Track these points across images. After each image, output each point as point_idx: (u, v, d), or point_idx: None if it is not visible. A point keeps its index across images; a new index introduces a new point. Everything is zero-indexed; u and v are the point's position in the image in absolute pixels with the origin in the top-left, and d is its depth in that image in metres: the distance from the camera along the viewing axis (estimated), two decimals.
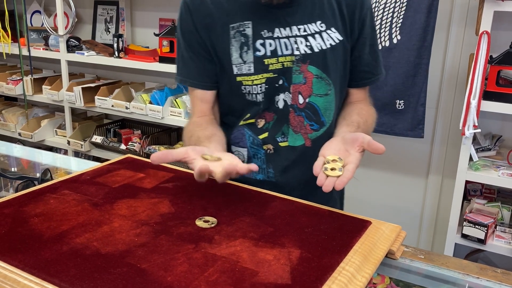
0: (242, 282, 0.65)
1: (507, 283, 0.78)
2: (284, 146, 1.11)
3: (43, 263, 0.68)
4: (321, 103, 1.10)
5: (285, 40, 1.06)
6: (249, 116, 1.12)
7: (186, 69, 1.13)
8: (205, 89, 1.13)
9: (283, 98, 1.08)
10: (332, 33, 1.08)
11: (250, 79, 1.07)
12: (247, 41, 1.06)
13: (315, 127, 1.11)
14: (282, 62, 1.06)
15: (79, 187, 0.95)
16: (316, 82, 1.08)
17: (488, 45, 1.68)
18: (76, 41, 2.79)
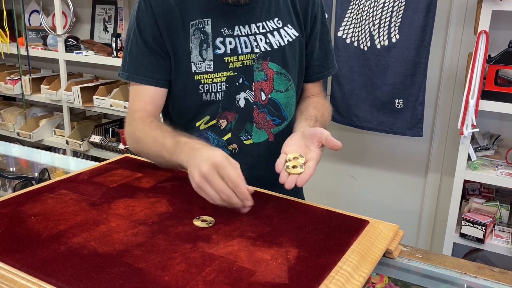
0: (240, 281, 0.65)
1: (505, 282, 0.78)
2: (249, 143, 1.12)
3: (41, 262, 0.68)
4: (282, 99, 1.13)
5: (245, 38, 1.07)
6: (208, 118, 1.10)
7: (136, 65, 1.07)
8: (158, 86, 1.08)
9: (244, 97, 1.09)
10: (289, 30, 1.11)
11: (210, 77, 1.06)
12: (206, 39, 1.05)
13: (277, 122, 1.13)
14: (242, 60, 1.07)
15: (76, 186, 0.95)
16: (277, 78, 1.11)
17: (486, 44, 1.68)
18: (75, 41, 2.78)
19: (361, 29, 2.06)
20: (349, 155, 2.43)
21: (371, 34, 2.04)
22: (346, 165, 2.45)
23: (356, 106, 2.15)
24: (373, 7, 2.01)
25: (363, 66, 2.09)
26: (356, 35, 2.08)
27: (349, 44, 2.10)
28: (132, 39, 1.08)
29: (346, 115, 2.19)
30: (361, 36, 2.06)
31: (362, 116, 2.15)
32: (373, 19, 2.02)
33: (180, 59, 1.06)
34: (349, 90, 2.15)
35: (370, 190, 2.43)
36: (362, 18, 2.05)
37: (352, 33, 2.09)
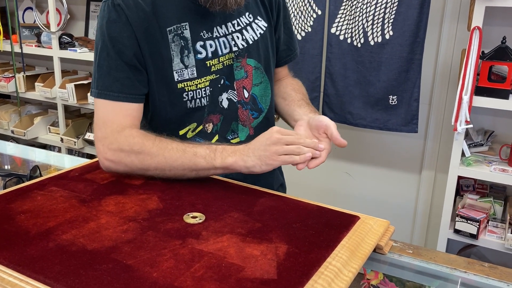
0: (228, 277, 0.65)
1: (494, 277, 0.78)
2: (236, 142, 1.11)
3: (28, 259, 0.67)
4: (257, 92, 1.13)
5: (223, 38, 1.06)
6: (195, 125, 1.07)
7: (109, 80, 0.98)
8: (136, 102, 1.00)
9: (227, 97, 1.08)
10: (259, 22, 1.11)
11: (193, 83, 1.02)
12: (186, 44, 1.01)
13: (255, 115, 1.14)
14: (222, 61, 1.06)
15: (67, 183, 0.95)
16: (254, 73, 1.11)
17: (480, 40, 1.68)
18: (69, 38, 2.77)
19: (354, 25, 2.05)
20: (344, 152, 2.43)
21: (365, 30, 2.04)
22: (341, 161, 2.45)
23: (349, 103, 2.15)
24: (367, 4, 2.01)
25: (356, 63, 2.09)
26: (350, 32, 2.08)
27: (343, 41, 2.10)
28: (101, 52, 0.98)
29: (340, 112, 2.18)
30: (355, 33, 2.06)
31: (356, 113, 2.15)
32: (367, 15, 2.02)
33: (161, 69, 1.00)
34: (342, 87, 2.14)
35: (365, 186, 2.44)
36: (355, 15, 2.04)
37: (346, 30, 2.08)
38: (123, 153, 0.96)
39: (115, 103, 0.98)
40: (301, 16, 2.15)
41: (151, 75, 1.01)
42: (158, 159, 0.95)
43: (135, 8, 0.97)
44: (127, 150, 0.96)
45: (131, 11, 0.96)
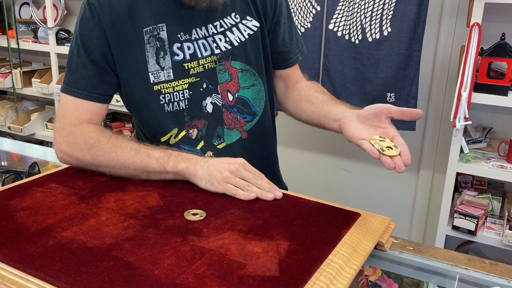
0: (230, 274, 0.64)
1: (495, 274, 0.78)
2: (222, 147, 1.09)
3: (28, 257, 0.67)
4: (250, 95, 1.09)
5: (203, 41, 1.02)
6: (177, 131, 1.05)
7: (75, 77, 0.99)
8: (99, 101, 1.01)
9: (211, 101, 1.05)
10: (248, 22, 1.06)
11: (170, 85, 1.01)
12: (163, 46, 0.99)
13: (248, 119, 1.10)
14: (203, 64, 1.03)
15: (66, 180, 0.94)
16: (242, 75, 1.07)
17: (479, 37, 1.68)
18: (66, 34, 2.76)
19: (352, 22, 2.05)
20: (342, 149, 2.43)
21: (363, 27, 2.03)
22: (339, 158, 2.45)
23: (347, 100, 2.11)
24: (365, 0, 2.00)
25: (354, 60, 2.08)
26: (348, 28, 2.07)
27: (340, 37, 2.09)
28: (73, 49, 1.00)
29: None
30: (353, 29, 2.06)
31: None
32: (365, 11, 2.01)
33: (137, 70, 0.99)
34: (340, 84, 2.14)
35: (363, 183, 2.44)
36: (353, 11, 2.04)
37: (344, 26, 2.08)
38: (77, 146, 0.97)
39: (77, 99, 0.99)
40: (301, 12, 2.14)
41: (124, 76, 1.01)
42: (110, 156, 0.94)
43: (108, 9, 0.97)
44: (81, 143, 0.96)
45: (104, 12, 0.96)
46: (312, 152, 2.51)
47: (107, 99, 1.03)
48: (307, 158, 2.53)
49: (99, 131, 0.98)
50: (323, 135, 2.43)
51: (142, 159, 0.92)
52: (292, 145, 2.53)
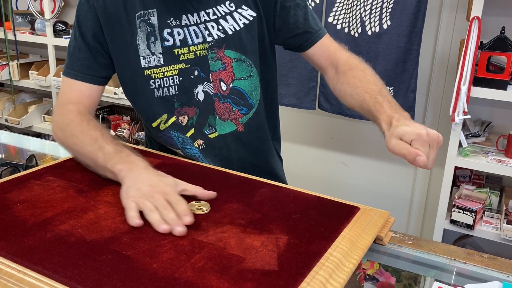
0: (229, 268, 0.64)
1: (494, 268, 0.78)
2: (214, 137, 1.08)
3: (26, 250, 0.67)
4: (246, 86, 1.07)
5: (194, 27, 1.02)
6: (166, 117, 1.05)
7: (72, 59, 1.04)
8: (93, 83, 1.04)
9: (203, 89, 1.04)
10: (244, 11, 1.04)
11: (160, 71, 1.01)
12: (153, 31, 1.00)
13: (245, 111, 1.09)
14: (194, 51, 1.02)
15: (64, 173, 0.93)
16: (237, 65, 1.05)
17: (478, 30, 1.68)
18: (63, 25, 2.74)
19: (351, 15, 2.04)
20: (341, 142, 2.42)
21: (362, 20, 2.02)
22: (338, 152, 2.45)
23: None
24: None
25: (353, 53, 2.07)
26: (347, 21, 2.06)
27: (340, 31, 2.08)
28: (72, 33, 1.05)
29: (336, 103, 2.17)
30: (352, 22, 2.05)
31: None
32: (364, 4, 2.00)
33: (128, 54, 1.01)
34: None
35: (361, 177, 2.44)
36: (353, 4, 2.03)
37: (343, 19, 2.07)
38: (56, 125, 1.02)
39: (72, 80, 1.04)
40: None
41: (116, 60, 1.03)
42: (74, 140, 0.97)
43: None
44: (59, 123, 1.01)
45: None
46: (311, 146, 2.51)
47: (100, 80, 1.06)
48: (305, 152, 2.53)
49: (77, 114, 1.00)
50: (322, 130, 2.43)
51: (94, 150, 0.91)
52: (290, 139, 2.52)
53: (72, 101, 1.03)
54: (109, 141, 0.93)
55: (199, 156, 1.09)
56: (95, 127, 0.97)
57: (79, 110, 1.01)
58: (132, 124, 2.72)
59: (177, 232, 0.72)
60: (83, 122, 0.98)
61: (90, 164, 0.93)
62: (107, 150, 0.90)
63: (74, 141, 0.96)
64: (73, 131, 0.97)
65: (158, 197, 0.78)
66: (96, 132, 0.95)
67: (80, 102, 1.03)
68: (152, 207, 0.76)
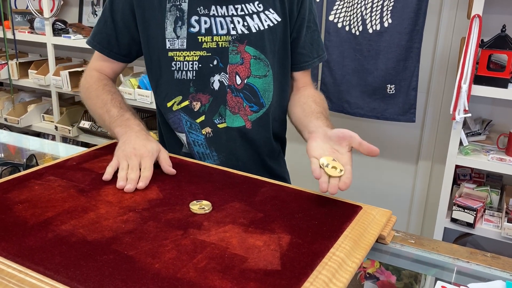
0: (231, 268, 0.64)
1: (497, 267, 0.78)
2: (223, 127, 1.10)
3: (27, 251, 0.66)
4: (260, 85, 1.10)
5: (221, 19, 1.05)
6: (181, 99, 1.09)
7: (98, 30, 1.13)
8: (110, 57, 1.14)
9: (219, 79, 1.07)
10: (270, 14, 1.08)
11: (182, 54, 1.06)
12: (182, 16, 1.05)
13: (255, 109, 1.11)
14: (217, 41, 1.06)
15: (65, 173, 0.93)
16: (255, 63, 1.08)
17: (479, 28, 1.67)
18: (63, 24, 2.73)
19: (352, 13, 2.03)
20: None
21: (363, 18, 2.02)
22: None
23: (347, 92, 2.13)
24: None
25: (354, 51, 2.07)
26: (348, 19, 2.05)
27: (341, 29, 2.08)
28: (105, 5, 1.13)
29: (337, 101, 2.17)
30: (353, 20, 2.04)
31: (353, 102, 2.13)
32: (365, 2, 2.00)
33: (156, 35, 1.06)
34: (340, 75, 2.12)
35: (362, 175, 2.43)
36: (354, 2, 2.02)
37: (344, 17, 2.06)
38: (81, 87, 1.17)
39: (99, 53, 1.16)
40: None
41: (144, 39, 1.09)
42: (90, 102, 1.12)
43: None
44: (83, 86, 1.16)
45: None
46: None
47: (117, 57, 1.15)
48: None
49: (97, 79, 1.13)
50: None
51: (103, 113, 1.07)
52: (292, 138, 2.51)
53: (95, 67, 1.16)
54: (117, 105, 1.06)
55: (202, 144, 1.11)
56: (107, 91, 1.09)
57: (99, 76, 1.14)
58: None
59: (126, 188, 0.85)
60: (99, 87, 1.10)
61: (101, 124, 1.09)
62: (112, 113, 1.05)
63: (90, 103, 1.11)
64: (90, 94, 1.11)
65: (134, 159, 0.91)
66: (107, 96, 1.08)
67: (101, 70, 1.16)
68: (125, 167, 0.90)
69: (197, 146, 1.12)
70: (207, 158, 1.13)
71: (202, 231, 0.73)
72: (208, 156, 1.12)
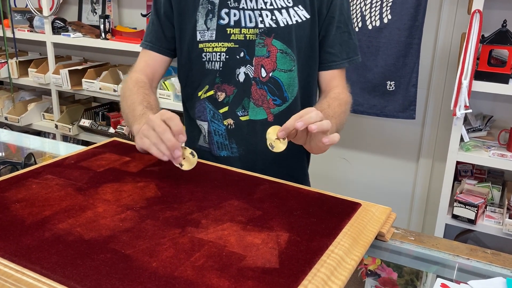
0: (229, 266, 0.63)
1: (497, 264, 0.78)
2: (245, 120, 1.11)
3: (24, 250, 0.66)
4: (284, 79, 1.10)
5: (250, 12, 1.07)
6: (207, 88, 1.12)
7: (148, 32, 1.18)
8: (159, 52, 1.16)
9: (244, 71, 1.09)
10: (299, 10, 1.09)
11: (211, 45, 1.09)
12: (213, 9, 1.08)
13: (278, 102, 1.12)
14: (245, 33, 1.08)
15: (62, 171, 0.93)
16: (281, 57, 1.09)
17: (480, 24, 1.66)
18: (62, 23, 2.72)
19: (352, 9, 2.02)
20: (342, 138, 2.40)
21: (362, 14, 2.01)
22: (339, 147, 2.44)
23: None
24: None
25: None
26: None
27: None
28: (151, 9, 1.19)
29: None
30: (352, 16, 2.03)
31: (353, 100, 2.12)
32: None
33: (188, 27, 1.10)
34: None
35: (363, 172, 2.43)
36: None
37: None
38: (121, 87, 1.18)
39: (143, 51, 1.19)
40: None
41: (178, 32, 1.13)
42: (123, 103, 1.12)
43: None
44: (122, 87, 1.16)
45: None
46: None
47: (165, 51, 1.17)
48: None
49: (133, 81, 1.13)
50: None
51: (128, 112, 1.07)
52: None
53: (136, 69, 1.18)
54: (142, 105, 1.04)
55: (223, 135, 1.13)
56: (138, 93, 1.08)
57: (137, 78, 1.14)
58: None
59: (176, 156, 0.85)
60: (134, 88, 1.10)
61: (127, 125, 1.10)
62: (136, 112, 1.04)
63: (122, 104, 1.12)
64: (124, 95, 1.12)
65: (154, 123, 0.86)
66: (138, 96, 1.07)
67: (142, 71, 1.17)
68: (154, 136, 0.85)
69: (217, 135, 1.13)
70: (225, 149, 1.14)
71: (200, 229, 0.73)
72: (226, 148, 1.13)
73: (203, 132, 1.16)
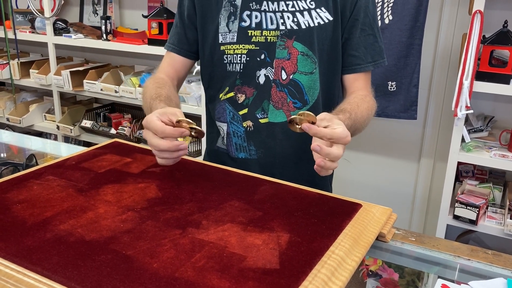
0: (230, 267, 0.64)
1: (498, 264, 0.78)
2: (264, 122, 1.11)
3: (25, 251, 0.66)
4: (305, 81, 1.09)
5: (271, 14, 1.07)
6: (228, 90, 1.12)
7: (172, 34, 1.20)
8: (180, 54, 1.18)
9: (265, 74, 1.09)
10: (322, 12, 1.08)
11: (232, 47, 1.09)
12: (235, 11, 1.09)
13: (298, 105, 1.10)
14: (266, 36, 1.08)
15: (64, 172, 0.93)
16: (302, 59, 1.08)
17: (481, 24, 1.66)
18: (63, 24, 2.73)
19: None
20: None
21: None
22: None
23: None
24: None
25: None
26: None
27: None
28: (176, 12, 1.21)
29: None
30: None
31: None
32: None
33: (210, 30, 1.11)
34: None
35: (364, 173, 2.43)
36: None
37: None
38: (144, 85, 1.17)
39: (167, 53, 1.21)
40: None
41: (200, 35, 1.14)
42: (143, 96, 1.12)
43: None
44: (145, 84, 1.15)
45: None
46: None
47: (187, 53, 1.18)
48: None
49: (153, 80, 1.14)
50: None
51: (145, 107, 1.08)
52: None
53: (160, 70, 1.19)
54: (157, 101, 1.03)
55: (241, 137, 1.13)
56: (155, 88, 1.08)
57: (156, 76, 1.16)
58: (133, 122, 2.72)
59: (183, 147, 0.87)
60: (153, 85, 1.10)
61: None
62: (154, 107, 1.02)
63: (143, 97, 1.12)
64: (144, 92, 1.12)
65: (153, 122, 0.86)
66: (154, 92, 1.07)
67: (164, 71, 1.18)
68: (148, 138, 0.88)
69: (235, 137, 1.14)
70: (243, 151, 1.13)
71: (200, 230, 0.73)
72: (244, 150, 1.13)
73: (221, 134, 1.16)
